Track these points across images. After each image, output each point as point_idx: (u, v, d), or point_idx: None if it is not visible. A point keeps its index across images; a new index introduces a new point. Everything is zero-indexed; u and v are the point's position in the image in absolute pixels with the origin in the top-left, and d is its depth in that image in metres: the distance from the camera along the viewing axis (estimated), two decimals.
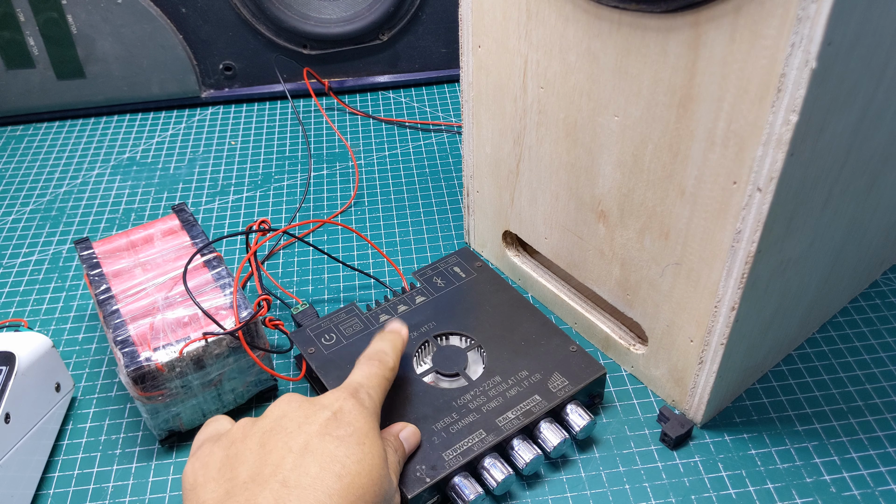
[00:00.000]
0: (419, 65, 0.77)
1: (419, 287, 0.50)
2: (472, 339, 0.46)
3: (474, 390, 0.43)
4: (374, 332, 0.45)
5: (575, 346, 0.45)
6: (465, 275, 0.50)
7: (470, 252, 0.52)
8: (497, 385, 0.43)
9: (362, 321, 0.48)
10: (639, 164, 0.39)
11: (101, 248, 0.50)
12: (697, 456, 0.44)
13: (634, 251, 0.43)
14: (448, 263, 0.51)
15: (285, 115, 0.75)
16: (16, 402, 0.41)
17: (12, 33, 0.69)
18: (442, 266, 0.51)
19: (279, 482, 0.33)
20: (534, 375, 0.44)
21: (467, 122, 0.51)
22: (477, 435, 0.41)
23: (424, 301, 0.49)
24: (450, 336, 0.47)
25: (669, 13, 0.33)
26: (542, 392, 0.43)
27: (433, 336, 0.47)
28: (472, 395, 0.43)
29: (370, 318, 0.48)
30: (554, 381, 0.43)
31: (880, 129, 0.38)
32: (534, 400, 0.42)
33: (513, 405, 0.42)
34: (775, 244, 0.36)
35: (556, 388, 0.43)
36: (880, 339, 0.50)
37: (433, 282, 0.50)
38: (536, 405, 0.42)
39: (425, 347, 0.46)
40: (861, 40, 0.31)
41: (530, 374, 0.44)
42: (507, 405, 0.42)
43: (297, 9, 0.71)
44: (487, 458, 0.40)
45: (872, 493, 0.41)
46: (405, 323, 0.45)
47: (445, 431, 0.41)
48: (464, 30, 0.46)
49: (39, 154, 0.71)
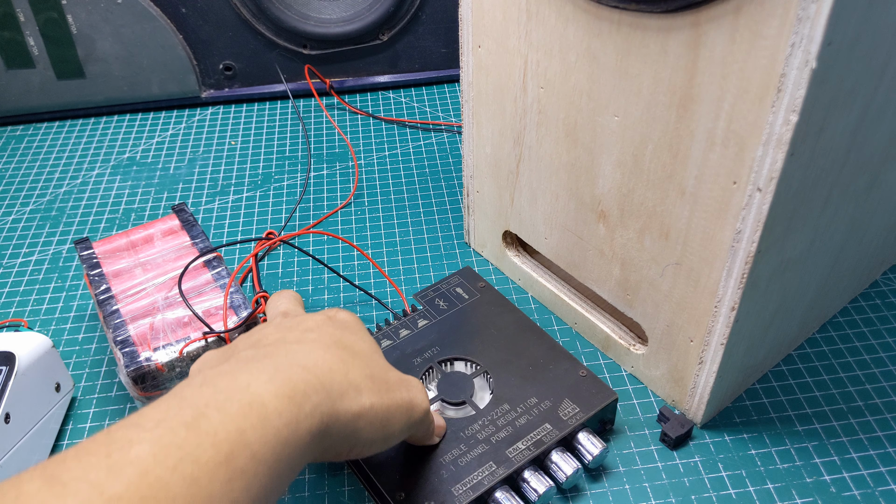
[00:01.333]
0: (419, 65, 0.77)
1: (421, 310, 0.48)
2: (477, 364, 0.45)
3: (482, 419, 0.42)
4: None
5: (585, 371, 0.44)
6: (468, 296, 0.49)
7: (472, 272, 0.51)
8: (506, 413, 0.42)
9: None
10: (639, 164, 0.39)
11: (101, 248, 0.50)
12: (697, 456, 0.43)
13: (634, 251, 0.43)
14: (450, 284, 0.50)
15: (285, 115, 0.75)
16: (16, 402, 0.41)
17: (12, 33, 0.69)
18: (444, 287, 0.50)
19: (278, 341, 0.34)
20: (543, 402, 0.42)
21: (467, 122, 0.51)
22: (487, 468, 0.39)
23: (427, 325, 0.47)
24: (454, 361, 0.45)
25: (669, 13, 0.33)
26: (553, 420, 0.41)
27: (437, 362, 0.45)
28: (480, 425, 0.41)
29: None
30: (564, 409, 0.42)
31: (880, 129, 0.38)
32: (544, 429, 0.41)
33: (523, 435, 0.41)
34: (775, 244, 0.36)
35: (566, 416, 0.42)
36: (880, 339, 0.50)
37: (435, 304, 0.49)
38: (547, 434, 0.41)
39: (429, 374, 0.45)
40: (861, 40, 0.31)
41: (539, 401, 0.42)
42: (517, 435, 0.41)
43: (297, 9, 0.71)
44: (498, 490, 0.39)
45: (872, 493, 0.41)
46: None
47: (454, 464, 0.39)
48: (464, 30, 0.46)
49: (39, 154, 0.71)
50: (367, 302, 0.53)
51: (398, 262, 0.57)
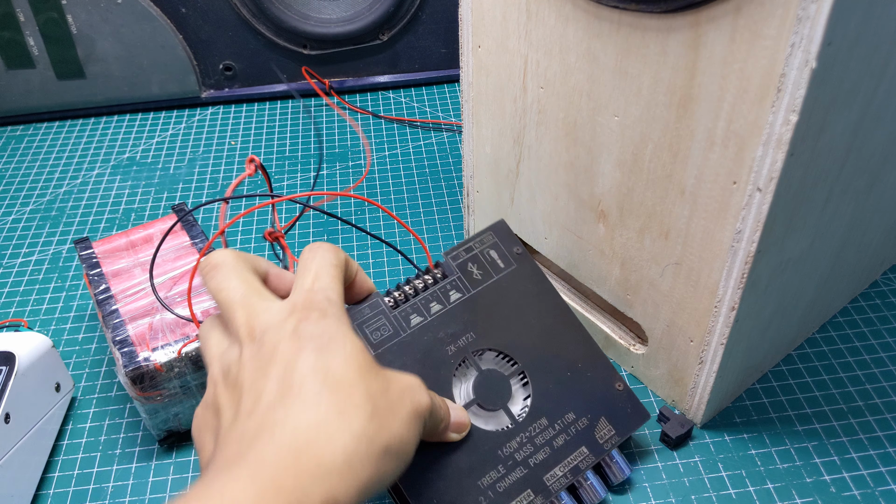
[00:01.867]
0: (419, 65, 0.77)
1: (453, 277, 0.42)
2: (514, 362, 0.41)
3: (520, 436, 0.39)
4: (406, 342, 0.39)
5: (621, 384, 0.42)
6: (503, 264, 0.43)
7: (507, 229, 0.44)
8: (544, 430, 0.39)
9: (391, 323, 0.40)
10: (639, 164, 0.39)
11: (101, 248, 0.50)
12: (697, 456, 0.43)
13: (634, 251, 0.43)
14: (484, 244, 0.43)
15: (285, 115, 0.75)
16: (16, 402, 0.41)
17: (12, 33, 0.69)
18: (477, 246, 0.43)
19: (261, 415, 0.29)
20: (580, 421, 0.40)
21: (467, 122, 0.51)
22: (525, 496, 0.37)
23: (460, 300, 0.41)
24: (487, 351, 0.41)
25: (669, 13, 0.33)
26: (590, 443, 0.40)
27: (472, 352, 0.41)
28: (518, 443, 0.39)
29: (399, 318, 0.40)
30: (601, 430, 0.40)
31: (880, 129, 0.38)
32: (581, 453, 0.39)
33: (561, 459, 0.39)
34: (775, 244, 0.36)
35: (602, 439, 0.40)
36: (880, 339, 0.50)
37: (468, 270, 0.42)
38: (584, 460, 0.39)
39: (463, 367, 0.40)
40: (861, 40, 0.31)
41: (577, 418, 0.40)
42: (556, 459, 0.39)
43: (297, 9, 0.71)
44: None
45: (872, 493, 0.41)
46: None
47: (492, 490, 0.37)
48: (464, 30, 0.46)
49: (39, 154, 0.71)
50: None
51: (398, 263, 0.57)
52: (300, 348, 0.30)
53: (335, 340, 0.31)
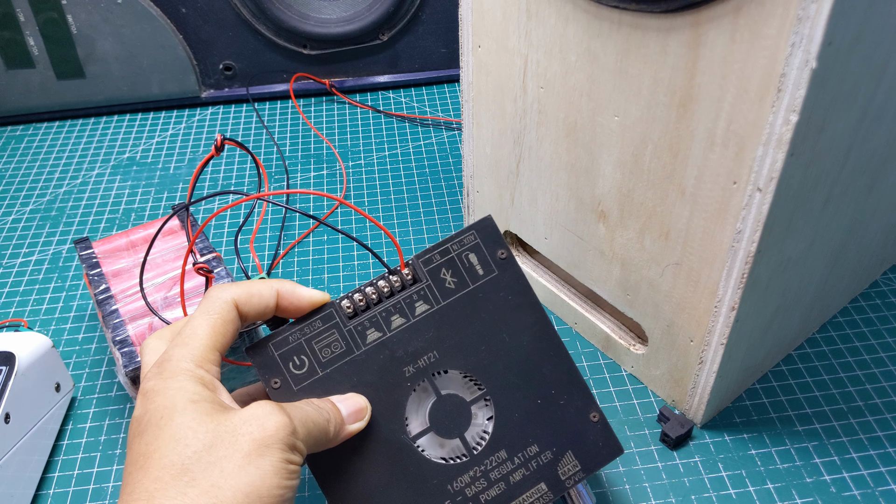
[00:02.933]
0: (419, 65, 0.77)
1: (422, 286, 0.37)
2: (480, 386, 0.37)
3: (474, 469, 0.36)
4: (360, 361, 0.35)
5: (597, 415, 0.37)
6: (482, 271, 0.37)
7: (494, 228, 0.38)
8: (501, 464, 0.36)
9: (344, 339, 0.36)
10: (639, 164, 0.39)
11: (101, 248, 0.50)
12: (697, 456, 0.43)
13: (634, 251, 0.43)
14: (463, 245, 0.38)
15: (285, 115, 0.75)
16: (16, 402, 0.41)
17: (12, 33, 0.69)
18: (454, 249, 0.38)
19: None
20: (544, 455, 0.36)
21: (467, 122, 0.51)
22: None
23: (427, 312, 0.37)
24: (450, 371, 0.37)
25: (669, 13, 0.33)
26: (550, 479, 0.36)
27: (432, 374, 0.36)
28: (470, 478, 0.35)
29: (354, 334, 0.36)
30: (565, 465, 0.36)
31: (880, 129, 0.38)
32: (539, 490, 0.36)
33: (515, 495, 0.36)
34: (775, 244, 0.36)
35: (565, 475, 0.36)
36: (880, 339, 0.50)
37: (440, 277, 0.37)
38: (541, 497, 0.36)
39: (420, 388, 0.36)
40: (861, 40, 0.31)
41: (540, 451, 0.36)
42: (510, 495, 0.36)
43: (297, 9, 0.71)
44: None
45: (872, 493, 0.41)
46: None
47: None
48: (464, 30, 0.46)
49: (39, 154, 0.71)
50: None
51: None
52: (131, 437, 0.30)
53: (153, 417, 0.30)
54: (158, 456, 0.28)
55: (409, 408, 0.36)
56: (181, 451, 0.28)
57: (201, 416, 0.29)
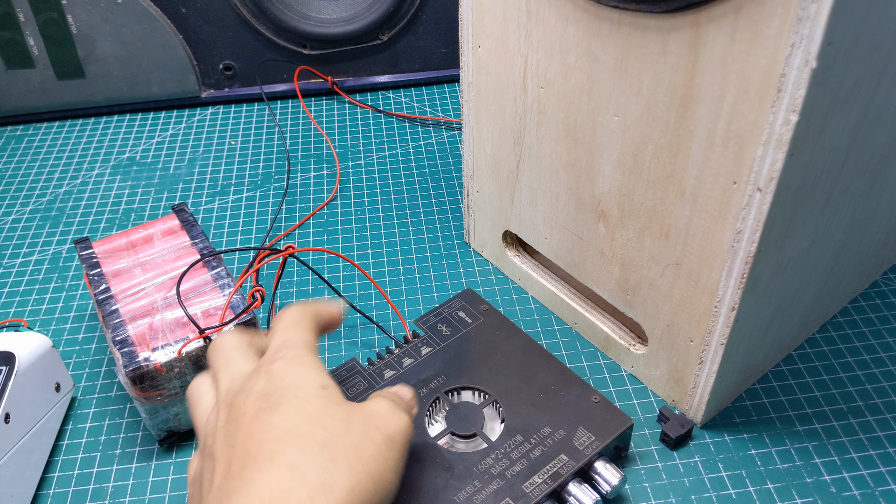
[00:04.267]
0: (419, 65, 0.77)
1: (424, 336, 0.46)
2: (486, 393, 0.43)
3: (495, 452, 0.40)
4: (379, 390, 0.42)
5: (598, 397, 0.42)
6: (471, 320, 0.47)
7: (474, 294, 0.49)
8: (520, 445, 0.40)
9: (365, 379, 0.44)
10: (639, 164, 0.39)
11: (101, 248, 0.50)
12: (697, 456, 0.43)
13: (634, 251, 0.43)
14: (452, 308, 0.48)
15: (285, 115, 0.75)
16: (16, 402, 0.41)
17: (12, 33, 0.69)
18: (445, 311, 0.48)
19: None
20: (557, 432, 0.41)
21: (467, 122, 0.51)
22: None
23: (431, 352, 0.45)
24: (461, 391, 0.44)
25: (669, 13, 0.33)
26: (569, 450, 0.40)
27: (444, 392, 0.43)
28: (493, 459, 0.40)
29: (374, 374, 0.44)
30: (580, 438, 0.40)
31: (880, 129, 0.38)
32: (560, 460, 0.39)
33: (539, 467, 0.39)
34: (775, 244, 0.36)
35: (582, 446, 0.40)
36: (880, 339, 0.50)
37: (438, 329, 0.47)
38: (564, 466, 0.39)
39: (436, 405, 0.43)
40: (861, 40, 0.31)
41: (553, 430, 0.41)
42: (533, 468, 0.39)
43: (297, 9, 0.71)
44: None
45: (872, 493, 0.41)
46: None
47: (469, 502, 0.38)
48: (464, 30, 0.46)
49: (39, 154, 0.71)
50: (367, 325, 0.52)
51: (398, 262, 0.57)
52: (257, 409, 0.31)
53: (286, 394, 0.32)
54: (299, 433, 0.30)
55: (426, 418, 0.42)
56: (319, 431, 0.31)
57: (331, 404, 0.32)
